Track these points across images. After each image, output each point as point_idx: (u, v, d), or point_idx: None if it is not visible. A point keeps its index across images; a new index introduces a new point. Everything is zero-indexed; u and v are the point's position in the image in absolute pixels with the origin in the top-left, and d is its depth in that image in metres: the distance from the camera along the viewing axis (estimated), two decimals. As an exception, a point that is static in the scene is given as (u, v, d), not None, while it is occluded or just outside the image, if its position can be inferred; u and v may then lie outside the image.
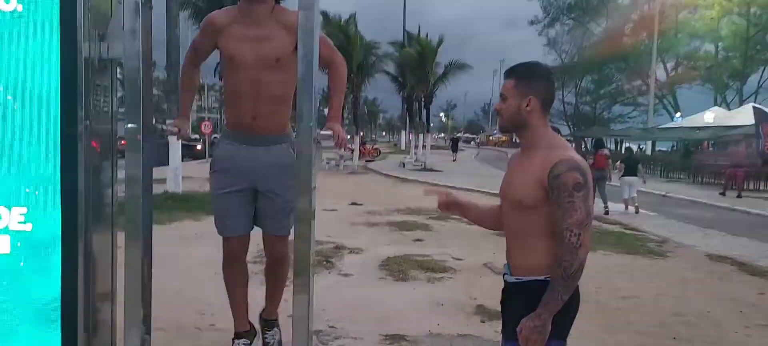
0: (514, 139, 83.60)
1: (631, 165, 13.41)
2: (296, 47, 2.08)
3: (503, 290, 2.24)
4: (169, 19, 13.91)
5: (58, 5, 2.01)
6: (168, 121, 3.13)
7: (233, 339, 3.29)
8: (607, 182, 13.23)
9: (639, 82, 46.76)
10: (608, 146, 46.43)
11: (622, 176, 13.30)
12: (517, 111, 2.09)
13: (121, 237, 2.17)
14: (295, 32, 2.52)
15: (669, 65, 46.28)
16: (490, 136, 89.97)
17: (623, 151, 18.11)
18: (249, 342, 3.31)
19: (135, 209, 2.13)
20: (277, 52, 2.75)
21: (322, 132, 2.83)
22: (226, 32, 2.84)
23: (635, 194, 13.28)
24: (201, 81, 3.29)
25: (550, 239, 2.01)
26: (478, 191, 17.20)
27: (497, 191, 2.33)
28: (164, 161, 13.00)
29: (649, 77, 37.99)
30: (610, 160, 13.62)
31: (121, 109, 2.18)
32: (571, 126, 54.68)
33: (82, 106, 2.02)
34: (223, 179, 3.03)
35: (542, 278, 2.03)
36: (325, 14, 27.17)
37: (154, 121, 2.53)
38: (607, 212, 12.61)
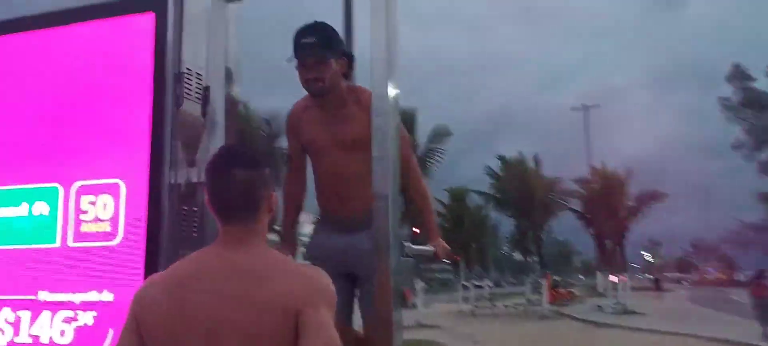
0: (735, 278, 73.41)
1: None
2: None
3: None
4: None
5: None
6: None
7: None
8: None
9: None
10: None
11: None
12: None
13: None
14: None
15: None
16: (705, 275, 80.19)
17: None
18: None
19: None
20: (355, 133, 2.56)
21: (425, 247, 2.54)
22: (304, 118, 2.73)
23: None
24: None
25: None
26: (690, 335, 14.93)
27: (715, 335, 1.76)
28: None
29: None
30: None
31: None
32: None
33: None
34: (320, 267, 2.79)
35: None
36: (502, 158, 27.37)
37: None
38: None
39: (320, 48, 2.45)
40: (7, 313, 2.21)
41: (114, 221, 2.14)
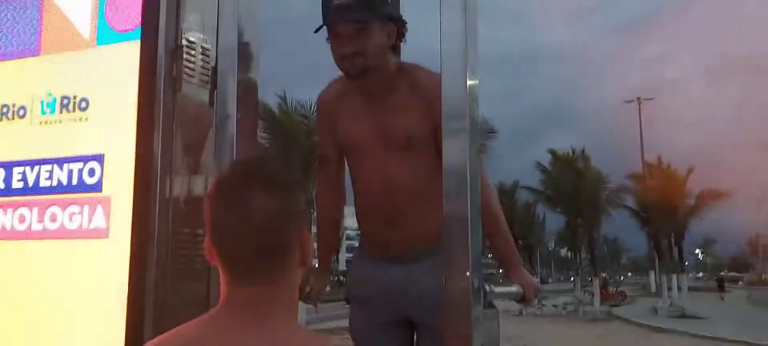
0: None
1: None
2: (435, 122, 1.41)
3: None
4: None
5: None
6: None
7: None
8: None
9: None
10: None
11: None
12: None
13: None
14: (432, 101, 1.70)
15: None
16: (762, 274, 76.57)
17: None
18: None
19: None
20: (409, 128, 1.92)
21: (500, 289, 1.86)
22: (341, 106, 2.05)
23: None
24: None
25: None
26: (756, 345, 13.82)
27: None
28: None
29: None
30: None
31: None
32: None
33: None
34: (363, 312, 2.13)
35: None
36: (552, 152, 26.31)
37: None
38: None
39: (360, 9, 1.79)
40: None
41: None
